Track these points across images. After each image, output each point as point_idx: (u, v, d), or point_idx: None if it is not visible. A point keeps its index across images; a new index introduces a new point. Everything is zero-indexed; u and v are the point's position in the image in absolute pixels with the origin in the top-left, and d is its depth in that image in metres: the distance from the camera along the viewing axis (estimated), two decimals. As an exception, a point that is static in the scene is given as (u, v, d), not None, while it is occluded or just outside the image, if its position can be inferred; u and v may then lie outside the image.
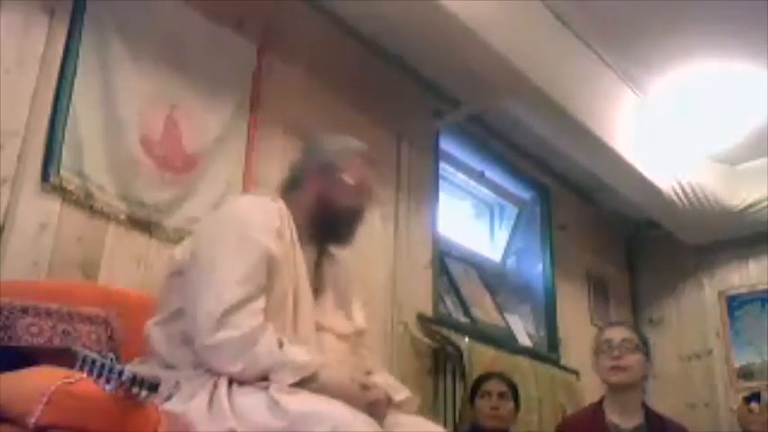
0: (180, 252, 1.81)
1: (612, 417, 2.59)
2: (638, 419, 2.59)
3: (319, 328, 1.78)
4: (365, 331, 1.97)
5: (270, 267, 1.69)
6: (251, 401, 1.51)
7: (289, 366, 1.57)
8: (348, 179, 1.90)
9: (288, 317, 1.71)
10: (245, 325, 1.59)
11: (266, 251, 1.70)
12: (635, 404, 2.62)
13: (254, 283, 1.65)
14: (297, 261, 1.80)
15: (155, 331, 1.74)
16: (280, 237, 1.76)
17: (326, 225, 1.89)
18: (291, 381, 1.55)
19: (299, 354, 1.61)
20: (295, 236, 1.82)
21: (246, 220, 1.75)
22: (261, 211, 1.80)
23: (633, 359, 2.58)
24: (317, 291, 1.86)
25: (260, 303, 1.64)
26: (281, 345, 1.60)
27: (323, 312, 1.83)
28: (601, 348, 2.65)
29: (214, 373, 1.59)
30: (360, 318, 1.97)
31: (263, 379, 1.57)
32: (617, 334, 2.65)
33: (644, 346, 2.65)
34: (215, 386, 1.56)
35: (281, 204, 1.87)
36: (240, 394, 1.54)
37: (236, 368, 1.56)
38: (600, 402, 2.68)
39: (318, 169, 1.91)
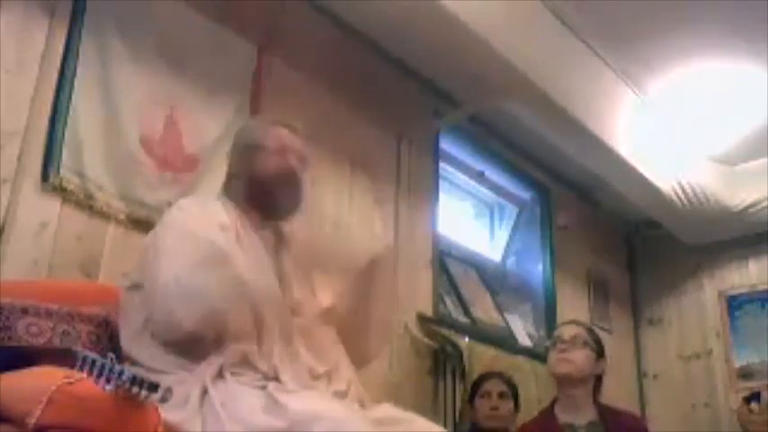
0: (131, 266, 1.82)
1: (565, 416, 2.61)
2: (591, 416, 2.61)
3: (295, 314, 1.78)
4: (334, 309, 1.92)
5: (219, 259, 1.68)
6: (246, 403, 1.51)
7: None
8: (268, 145, 1.92)
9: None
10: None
11: (211, 243, 1.69)
12: (585, 401, 2.63)
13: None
14: (255, 251, 1.80)
15: (131, 346, 1.73)
16: (225, 230, 1.76)
17: (266, 198, 1.90)
18: None
19: None
20: (247, 227, 1.83)
21: (186, 218, 1.76)
22: (200, 208, 1.82)
23: (580, 354, 2.63)
24: (280, 275, 1.85)
25: None
26: None
27: (292, 296, 1.83)
28: (553, 344, 2.71)
29: (200, 376, 1.57)
30: (325, 295, 1.94)
31: None
32: (567, 331, 2.72)
33: (595, 345, 2.67)
34: (204, 390, 1.54)
35: (224, 200, 1.90)
36: (236, 397, 1.53)
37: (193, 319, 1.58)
38: (551, 404, 2.70)
39: (241, 153, 1.96)
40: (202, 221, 1.75)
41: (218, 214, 1.80)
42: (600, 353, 2.68)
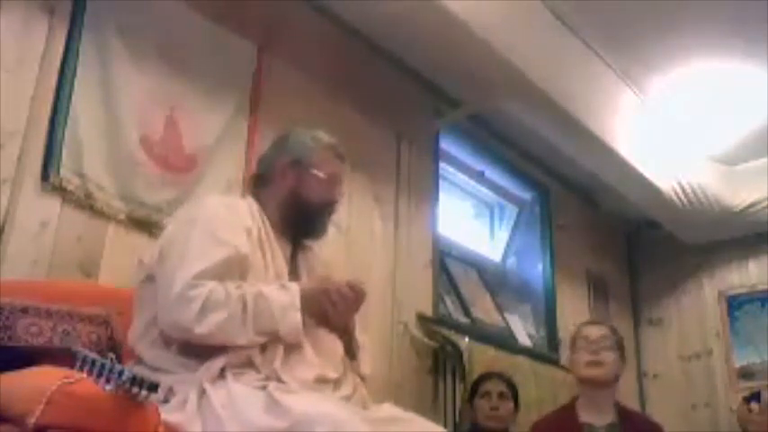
0: (148, 255, 1.80)
1: (585, 416, 2.60)
2: (610, 417, 2.60)
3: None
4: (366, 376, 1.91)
5: (242, 266, 1.69)
6: (246, 404, 1.50)
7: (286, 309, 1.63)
8: (320, 173, 1.91)
9: None
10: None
11: (235, 251, 1.69)
12: (608, 403, 2.62)
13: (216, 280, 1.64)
14: (274, 257, 1.80)
15: (137, 343, 1.73)
16: (249, 235, 1.75)
17: (300, 220, 1.90)
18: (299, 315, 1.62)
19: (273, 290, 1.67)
20: (270, 232, 1.82)
21: (214, 219, 1.74)
22: (229, 210, 1.80)
23: (610, 356, 2.61)
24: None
25: None
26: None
27: None
28: (578, 344, 2.67)
29: (198, 376, 1.57)
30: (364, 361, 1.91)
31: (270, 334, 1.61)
32: (596, 331, 2.68)
33: (619, 348, 2.65)
34: (203, 390, 1.54)
35: (250, 201, 1.88)
36: (236, 397, 1.52)
37: (207, 326, 1.58)
38: (572, 403, 2.68)
39: (290, 164, 1.91)
40: (229, 225, 1.74)
41: (244, 217, 1.79)
42: (623, 354, 2.66)
